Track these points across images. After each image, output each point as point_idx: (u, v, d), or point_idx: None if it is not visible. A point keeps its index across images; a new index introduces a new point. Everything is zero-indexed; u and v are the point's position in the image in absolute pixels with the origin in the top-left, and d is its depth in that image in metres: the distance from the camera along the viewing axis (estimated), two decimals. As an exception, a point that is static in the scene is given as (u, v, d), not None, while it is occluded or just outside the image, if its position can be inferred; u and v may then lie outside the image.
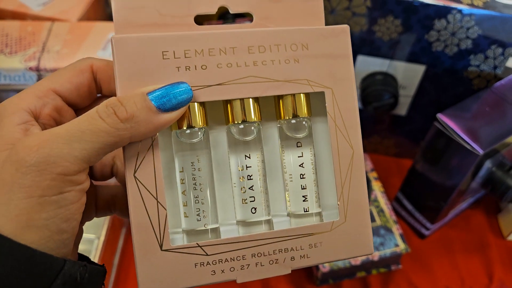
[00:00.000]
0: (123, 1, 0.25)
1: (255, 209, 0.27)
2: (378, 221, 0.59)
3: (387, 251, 0.56)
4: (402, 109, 0.66)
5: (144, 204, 0.25)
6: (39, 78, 0.50)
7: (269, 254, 0.26)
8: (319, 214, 0.29)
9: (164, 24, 0.26)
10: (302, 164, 0.28)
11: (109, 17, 0.65)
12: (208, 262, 0.25)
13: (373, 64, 0.60)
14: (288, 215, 0.29)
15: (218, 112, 0.28)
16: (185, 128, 0.26)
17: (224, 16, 0.74)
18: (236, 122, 0.27)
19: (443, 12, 0.53)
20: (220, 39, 0.25)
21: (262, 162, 0.28)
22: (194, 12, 0.26)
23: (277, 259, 0.27)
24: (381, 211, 0.60)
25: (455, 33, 0.55)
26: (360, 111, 0.67)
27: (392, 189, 0.69)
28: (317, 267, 0.56)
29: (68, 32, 0.52)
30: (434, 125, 0.54)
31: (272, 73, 0.26)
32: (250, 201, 0.27)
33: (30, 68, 0.49)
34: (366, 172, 0.64)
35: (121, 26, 0.25)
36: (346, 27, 0.28)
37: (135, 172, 0.24)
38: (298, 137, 0.28)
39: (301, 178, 0.28)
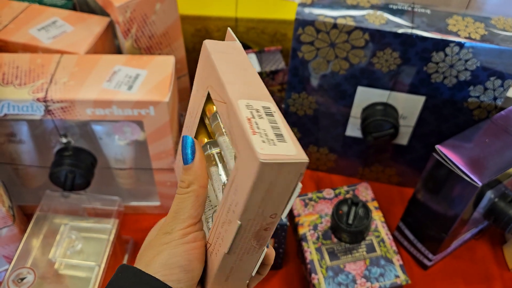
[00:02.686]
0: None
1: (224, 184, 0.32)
2: (379, 251, 0.59)
3: (387, 282, 0.56)
4: (403, 139, 0.66)
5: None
6: (46, 108, 0.52)
7: (226, 220, 0.30)
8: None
9: None
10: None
11: (117, 50, 0.67)
12: (213, 249, 0.31)
13: (373, 95, 0.61)
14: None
15: None
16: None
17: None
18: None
19: (441, 45, 0.54)
20: None
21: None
22: None
23: (230, 219, 0.30)
24: (381, 241, 0.60)
25: (454, 65, 0.55)
26: (361, 140, 0.68)
27: (395, 218, 0.69)
28: (316, 297, 0.56)
29: (75, 65, 0.54)
30: (433, 156, 0.54)
31: None
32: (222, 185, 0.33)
33: (38, 99, 0.51)
34: (367, 202, 0.64)
35: None
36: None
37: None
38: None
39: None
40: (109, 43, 0.64)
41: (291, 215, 0.65)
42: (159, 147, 0.57)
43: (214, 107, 0.32)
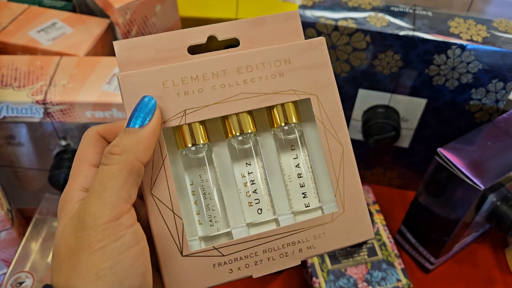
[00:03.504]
0: (124, 43, 0.28)
1: (261, 210, 0.30)
2: (380, 255, 0.58)
3: (389, 286, 0.56)
4: (404, 142, 0.66)
5: (163, 217, 0.27)
6: (45, 111, 0.51)
7: (278, 249, 0.29)
8: (320, 208, 0.31)
9: (162, 58, 0.29)
10: (298, 164, 0.31)
11: (116, 51, 0.67)
12: (225, 262, 0.28)
13: (374, 97, 0.61)
14: (292, 212, 0.31)
15: (219, 128, 0.31)
16: (190, 145, 0.29)
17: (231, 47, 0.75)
18: (234, 134, 0.30)
19: (442, 47, 0.53)
20: (212, 65, 0.29)
21: (262, 168, 0.31)
22: (186, 44, 0.30)
23: (287, 252, 0.29)
24: (383, 245, 0.59)
25: (455, 68, 0.55)
26: (362, 142, 0.67)
27: (396, 221, 0.68)
28: (317, 302, 0.55)
29: (74, 67, 0.54)
30: (435, 159, 0.53)
31: (261, 88, 0.29)
32: (256, 203, 0.30)
33: (37, 102, 0.50)
34: (368, 205, 0.64)
35: (125, 65, 0.28)
36: (322, 39, 0.30)
37: (151, 189, 0.27)
38: (292, 140, 0.31)
39: (298, 177, 0.31)
40: (109, 45, 0.64)
41: (291, 218, 0.65)
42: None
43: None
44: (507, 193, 0.54)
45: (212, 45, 0.35)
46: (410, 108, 0.61)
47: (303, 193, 0.31)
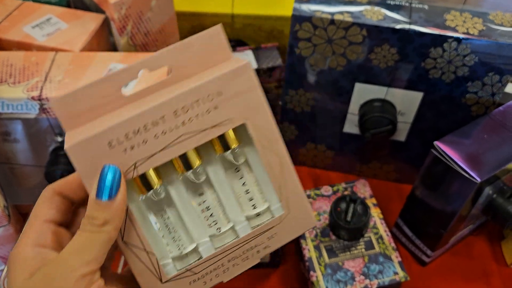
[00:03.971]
0: (60, 100, 0.30)
1: (219, 229, 0.35)
2: (377, 248, 0.59)
3: (386, 279, 0.56)
4: (401, 135, 0.66)
5: (138, 257, 0.32)
6: (41, 107, 0.51)
7: (240, 255, 0.35)
8: (268, 209, 0.36)
9: (99, 105, 0.31)
10: (244, 183, 0.35)
11: (112, 47, 0.67)
12: (198, 277, 0.34)
13: (370, 91, 0.61)
14: (247, 219, 0.36)
15: (171, 166, 0.34)
16: (146, 193, 0.32)
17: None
18: (184, 171, 0.33)
19: (438, 40, 0.53)
20: (151, 115, 0.30)
21: (214, 192, 0.35)
22: (121, 85, 0.31)
23: (247, 256, 0.35)
24: (380, 238, 0.60)
25: (452, 61, 0.55)
26: (359, 136, 0.68)
27: (393, 214, 0.68)
28: (315, 295, 0.55)
29: (70, 62, 0.54)
30: (431, 152, 0.54)
31: (200, 125, 0.31)
32: (214, 224, 0.35)
33: (33, 98, 0.50)
34: (365, 199, 0.64)
35: (67, 121, 0.30)
36: (247, 64, 0.32)
37: (122, 238, 0.31)
38: (236, 163, 0.34)
39: (246, 193, 0.36)
40: (104, 40, 0.64)
41: (289, 213, 0.65)
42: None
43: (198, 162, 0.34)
44: (503, 185, 0.55)
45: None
46: (407, 102, 0.61)
47: (252, 205, 0.36)
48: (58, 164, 0.56)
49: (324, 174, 0.74)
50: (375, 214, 0.62)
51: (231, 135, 0.33)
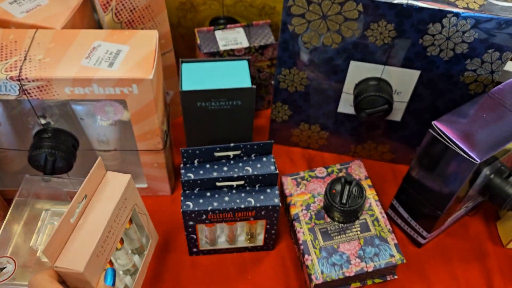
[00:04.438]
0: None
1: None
2: (373, 231, 0.57)
3: (382, 262, 0.55)
4: (397, 115, 0.64)
5: None
6: (21, 88, 0.48)
7: None
8: None
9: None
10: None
11: (96, 25, 0.63)
12: None
13: (366, 69, 0.59)
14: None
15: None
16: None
17: (215, 21, 0.72)
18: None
19: (438, 16, 0.51)
20: (103, 235, 0.44)
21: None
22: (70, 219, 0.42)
23: None
24: (375, 220, 0.58)
25: (451, 37, 0.53)
26: (353, 116, 0.66)
27: (388, 196, 0.67)
28: (310, 279, 0.54)
29: (51, 40, 0.51)
30: (429, 132, 0.52)
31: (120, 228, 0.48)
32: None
33: (11, 78, 0.47)
34: (360, 180, 0.62)
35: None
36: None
37: None
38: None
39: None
40: (87, 17, 0.61)
41: (283, 195, 0.64)
42: (144, 127, 0.54)
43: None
44: (501, 165, 0.53)
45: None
46: (403, 81, 0.59)
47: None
48: (42, 148, 0.53)
49: (318, 155, 0.73)
50: (371, 195, 0.61)
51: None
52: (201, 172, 0.55)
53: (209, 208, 0.52)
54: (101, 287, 0.42)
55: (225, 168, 0.55)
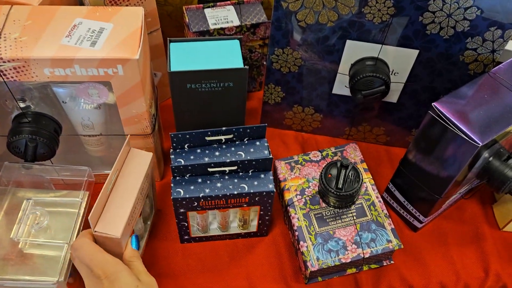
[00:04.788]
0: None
1: None
2: (369, 216, 0.56)
3: (379, 247, 0.54)
4: (393, 96, 0.62)
5: None
6: (-3, 69, 0.45)
7: None
8: None
9: None
10: None
11: (77, 1, 0.60)
12: None
13: (363, 49, 0.56)
14: None
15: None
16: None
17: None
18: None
19: (438, -9, 0.49)
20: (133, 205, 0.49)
21: None
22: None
23: None
24: (372, 205, 0.57)
25: (452, 14, 0.51)
26: (348, 98, 0.64)
27: (383, 179, 0.66)
28: (305, 266, 0.53)
29: (28, 17, 0.47)
30: (429, 114, 0.50)
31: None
32: None
33: (-14, 58, 0.44)
34: (356, 164, 0.61)
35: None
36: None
37: None
38: None
39: None
40: (67, -7, 0.57)
41: (276, 180, 0.62)
42: (131, 111, 0.52)
43: None
44: (500, 148, 0.52)
45: None
46: (400, 60, 0.57)
47: None
48: (22, 133, 0.50)
49: (312, 138, 0.71)
50: (367, 179, 0.59)
51: None
52: (192, 157, 0.52)
53: (201, 195, 0.50)
54: (129, 250, 0.47)
55: (217, 153, 0.53)
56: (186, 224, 0.55)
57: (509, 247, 0.60)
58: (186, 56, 0.53)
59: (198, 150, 0.53)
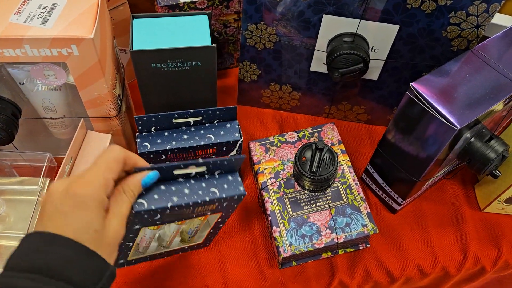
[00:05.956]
0: None
1: None
2: (345, 199, 0.54)
3: (354, 232, 0.52)
4: (373, 74, 0.59)
5: None
6: None
7: None
8: None
9: None
10: None
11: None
12: None
13: (340, 24, 0.53)
14: None
15: None
16: None
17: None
18: None
19: (419, -38, 0.45)
20: None
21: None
22: None
23: None
24: (348, 188, 0.55)
25: (433, -13, 0.47)
26: (327, 75, 0.61)
27: (363, 159, 0.64)
28: (278, 252, 0.51)
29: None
30: (406, 94, 0.48)
31: None
32: None
33: None
34: (333, 145, 0.58)
35: None
36: None
37: None
38: None
39: None
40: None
41: (251, 162, 0.59)
42: (92, 93, 0.49)
43: None
44: (482, 128, 0.50)
45: None
46: (380, 36, 0.54)
47: None
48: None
49: (290, 117, 0.68)
50: (344, 161, 0.57)
51: None
52: (159, 141, 0.50)
53: (169, 204, 0.37)
54: (135, 180, 0.36)
55: (185, 136, 0.50)
56: (131, 244, 0.43)
57: (489, 229, 0.59)
58: (151, 34, 0.50)
59: (166, 133, 0.51)
